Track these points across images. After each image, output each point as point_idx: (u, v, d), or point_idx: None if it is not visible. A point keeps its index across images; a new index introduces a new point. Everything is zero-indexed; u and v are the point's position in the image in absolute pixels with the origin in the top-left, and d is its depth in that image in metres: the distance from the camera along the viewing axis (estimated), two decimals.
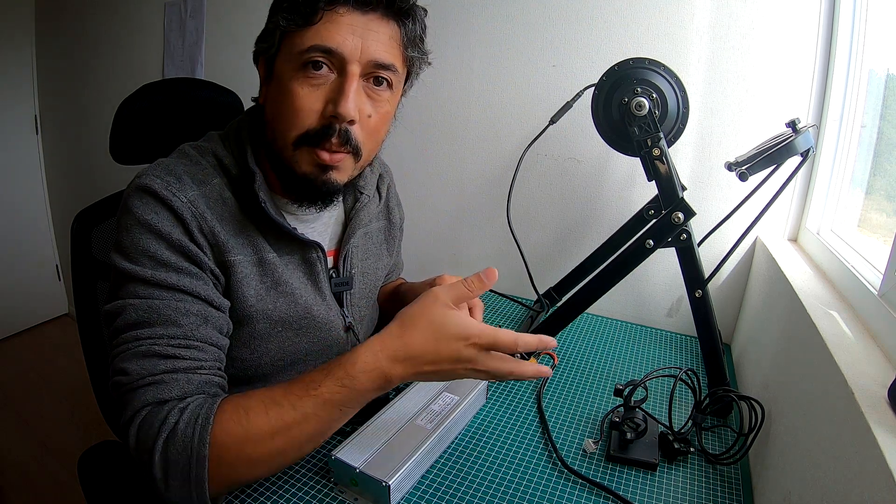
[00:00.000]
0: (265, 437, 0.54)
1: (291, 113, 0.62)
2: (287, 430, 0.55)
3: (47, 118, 2.44)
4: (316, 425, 0.56)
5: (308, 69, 0.61)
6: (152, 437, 0.53)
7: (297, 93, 0.61)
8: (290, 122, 0.62)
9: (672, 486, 0.64)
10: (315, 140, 0.62)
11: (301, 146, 0.63)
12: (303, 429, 0.55)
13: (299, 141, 0.63)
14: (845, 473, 0.43)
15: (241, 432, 0.54)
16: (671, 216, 0.73)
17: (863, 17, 0.84)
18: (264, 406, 0.55)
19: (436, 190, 1.32)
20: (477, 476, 0.65)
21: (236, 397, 0.57)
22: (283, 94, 0.62)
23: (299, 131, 0.62)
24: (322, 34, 0.60)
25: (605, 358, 0.95)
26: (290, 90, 0.61)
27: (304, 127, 0.62)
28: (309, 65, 0.61)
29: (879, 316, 0.58)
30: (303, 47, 0.60)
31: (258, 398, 0.56)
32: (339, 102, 0.61)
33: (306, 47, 0.60)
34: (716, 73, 0.97)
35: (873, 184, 0.86)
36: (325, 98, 0.62)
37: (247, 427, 0.54)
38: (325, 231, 0.78)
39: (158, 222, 0.60)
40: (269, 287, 0.69)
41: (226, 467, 0.54)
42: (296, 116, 0.62)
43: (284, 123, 0.63)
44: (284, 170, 0.66)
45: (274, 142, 0.66)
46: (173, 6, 1.73)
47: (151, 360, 0.56)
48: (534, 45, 1.12)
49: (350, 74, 0.61)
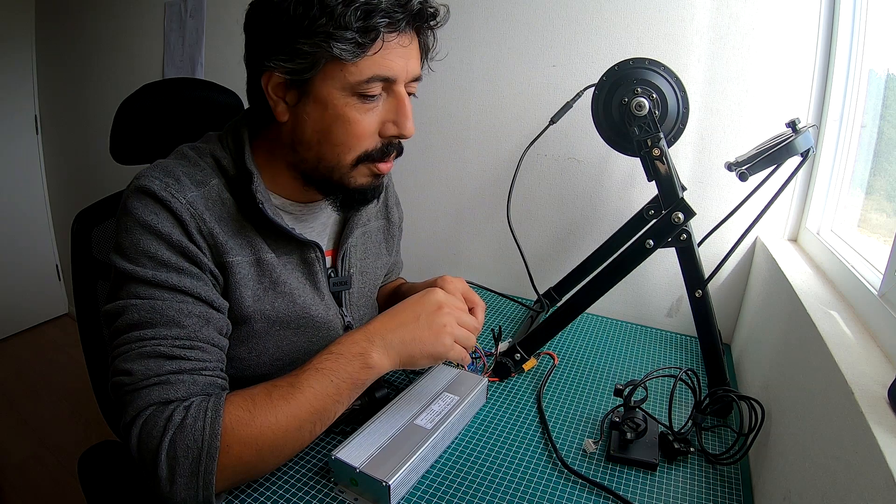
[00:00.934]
0: (269, 419, 0.56)
1: (352, 139, 0.63)
2: (288, 406, 0.57)
3: (47, 118, 2.44)
4: (312, 399, 0.58)
5: (365, 96, 0.62)
6: (157, 436, 0.53)
7: (356, 119, 0.62)
8: (348, 147, 0.64)
9: (672, 486, 0.64)
10: (374, 157, 0.66)
11: (359, 164, 0.66)
12: (301, 403, 0.57)
13: (358, 160, 0.65)
14: (845, 473, 0.43)
15: (248, 418, 0.55)
16: (671, 216, 0.73)
17: (863, 17, 0.84)
18: (267, 390, 0.58)
19: (436, 190, 1.32)
20: (477, 476, 0.65)
21: (242, 390, 0.58)
22: (338, 120, 0.62)
23: (359, 153, 0.65)
24: (380, 63, 0.60)
25: (605, 358, 0.95)
26: (348, 117, 0.62)
27: (364, 149, 0.65)
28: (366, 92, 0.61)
29: (879, 316, 0.58)
30: (361, 78, 0.60)
31: (262, 385, 0.59)
32: (404, 125, 0.64)
33: (365, 78, 0.60)
34: (716, 73, 0.97)
35: (873, 184, 0.86)
36: (381, 119, 0.64)
37: (253, 412, 0.56)
38: (324, 231, 0.78)
39: (158, 223, 0.60)
40: (267, 287, 0.69)
41: (234, 458, 0.54)
42: (357, 141, 0.64)
43: (341, 147, 0.64)
44: (331, 184, 0.68)
45: (319, 162, 0.66)
46: (173, 6, 1.73)
47: (156, 361, 0.56)
48: (534, 45, 1.12)
49: (402, 94, 0.64)
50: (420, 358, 0.64)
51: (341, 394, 0.60)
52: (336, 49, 0.57)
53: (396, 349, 0.63)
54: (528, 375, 0.88)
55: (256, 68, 0.63)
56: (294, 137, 0.66)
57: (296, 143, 0.66)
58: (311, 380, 0.59)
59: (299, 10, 0.56)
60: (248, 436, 0.55)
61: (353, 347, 0.61)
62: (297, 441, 0.58)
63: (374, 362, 0.61)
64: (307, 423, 0.58)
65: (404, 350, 0.63)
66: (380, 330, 0.63)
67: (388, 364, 0.63)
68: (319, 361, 0.60)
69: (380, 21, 0.57)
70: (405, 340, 0.63)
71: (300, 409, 0.57)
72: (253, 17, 0.62)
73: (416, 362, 0.64)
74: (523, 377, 0.87)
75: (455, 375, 0.78)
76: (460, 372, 0.79)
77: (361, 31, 0.57)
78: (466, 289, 0.74)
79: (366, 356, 0.61)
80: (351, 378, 0.60)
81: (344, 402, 0.61)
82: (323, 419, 0.60)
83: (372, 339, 0.62)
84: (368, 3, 0.56)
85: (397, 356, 0.63)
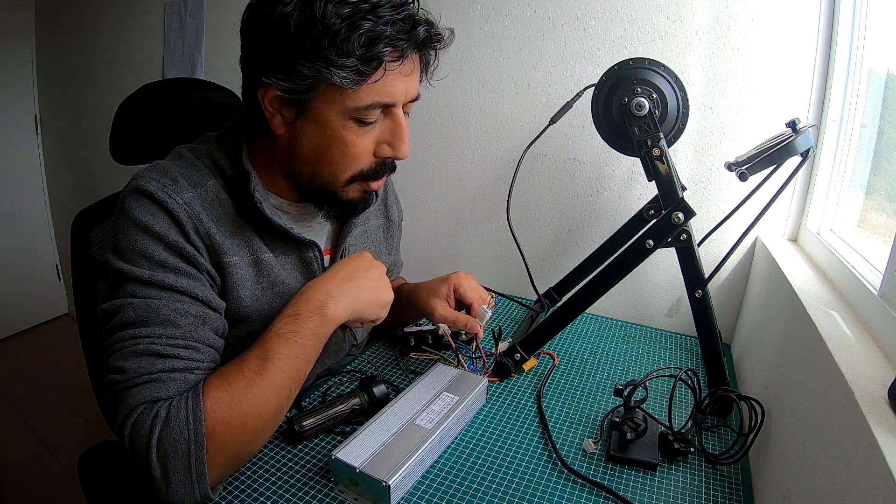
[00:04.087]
0: (247, 395, 0.56)
1: (348, 159, 0.64)
2: (261, 378, 0.57)
3: (47, 118, 2.44)
4: (283, 365, 0.59)
5: (363, 121, 0.62)
6: (146, 435, 0.53)
7: (352, 142, 0.62)
8: (343, 166, 0.65)
9: (672, 486, 0.64)
10: (368, 176, 0.66)
11: (352, 182, 0.67)
12: (273, 372, 0.58)
13: (352, 179, 0.66)
14: (845, 473, 0.43)
15: (227, 398, 0.56)
16: (671, 216, 0.73)
17: (863, 17, 0.84)
18: (238, 366, 0.59)
19: (436, 190, 1.32)
20: (477, 476, 0.65)
21: (215, 372, 0.59)
22: (335, 142, 0.62)
23: (353, 172, 0.65)
24: (381, 91, 0.60)
25: (605, 358, 0.95)
26: (345, 140, 0.62)
27: (359, 168, 0.65)
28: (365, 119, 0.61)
29: (879, 316, 0.58)
30: (361, 105, 0.59)
31: (233, 363, 0.60)
32: (399, 147, 0.65)
33: (365, 105, 0.60)
34: (716, 73, 0.97)
35: (873, 184, 0.86)
36: (377, 139, 0.64)
37: (230, 391, 0.56)
38: (322, 230, 0.78)
39: (155, 224, 0.60)
40: (265, 287, 0.69)
41: (221, 441, 0.54)
42: (353, 162, 0.64)
43: (336, 167, 0.65)
44: (324, 196, 0.69)
45: (314, 177, 0.66)
46: (173, 6, 1.73)
47: (149, 359, 0.56)
48: (534, 45, 1.12)
49: (400, 116, 0.64)
50: (368, 307, 0.67)
51: (308, 352, 0.61)
52: (336, 77, 0.55)
53: (348, 299, 0.65)
54: (528, 375, 0.88)
55: (253, 78, 0.62)
56: (290, 152, 0.66)
57: (292, 156, 0.66)
58: (278, 346, 0.59)
59: (301, 26, 0.54)
60: (230, 415, 0.55)
61: (310, 304, 0.62)
62: (277, 410, 0.60)
63: (331, 314, 0.63)
64: (283, 389, 0.59)
65: (354, 301, 0.65)
66: (331, 282, 0.65)
67: (343, 314, 0.64)
68: (280, 326, 0.61)
69: (383, 50, 0.56)
70: (351, 291, 0.65)
71: (274, 378, 0.58)
72: (251, 23, 0.60)
73: (365, 313, 0.67)
74: (523, 377, 0.87)
75: (455, 375, 0.78)
76: (460, 372, 0.79)
77: (364, 59, 0.55)
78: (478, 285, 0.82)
79: (323, 309, 0.62)
80: (313, 334, 0.62)
81: (311, 358, 0.62)
82: (297, 381, 0.61)
83: (328, 292, 0.64)
84: (373, 31, 0.55)
85: (349, 307, 0.65)
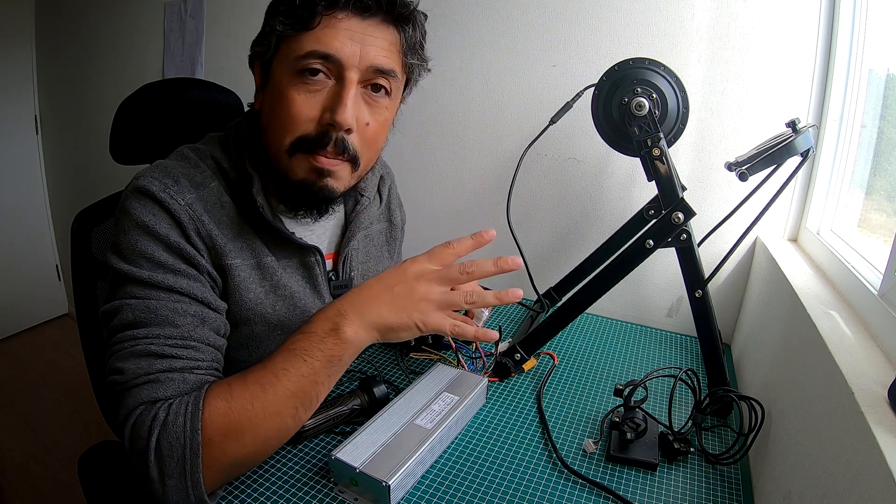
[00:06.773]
0: (247, 406, 0.54)
1: (287, 119, 0.61)
2: (264, 392, 0.55)
3: (47, 118, 2.44)
4: (287, 382, 0.56)
5: (305, 75, 0.60)
6: (145, 436, 0.52)
7: (293, 99, 0.61)
8: (285, 129, 0.62)
9: (672, 486, 0.64)
10: (310, 147, 0.62)
11: (296, 153, 0.63)
12: (277, 388, 0.55)
13: (294, 147, 0.62)
14: (845, 473, 0.43)
15: (226, 407, 0.54)
16: (671, 216, 0.73)
17: (863, 17, 0.84)
18: (243, 376, 0.56)
19: (436, 190, 1.32)
20: (477, 476, 0.65)
21: (221, 379, 0.57)
22: (279, 99, 0.62)
23: (293, 137, 0.62)
24: (320, 39, 0.59)
25: (605, 358, 0.95)
26: (287, 96, 0.61)
27: (299, 133, 0.62)
28: (306, 71, 0.60)
29: (879, 316, 0.58)
30: (300, 53, 0.60)
31: (240, 373, 0.57)
32: (337, 111, 0.60)
33: (303, 53, 0.59)
34: (716, 73, 0.97)
35: (873, 184, 0.86)
36: (323, 105, 0.61)
37: (230, 401, 0.54)
38: (324, 234, 0.78)
39: (156, 224, 0.60)
40: (268, 290, 0.69)
41: (217, 450, 0.53)
42: (291, 123, 0.61)
43: (279, 129, 0.62)
44: (279, 178, 0.66)
45: (269, 147, 0.65)
46: (173, 6, 1.73)
47: (148, 360, 0.56)
48: (534, 45, 1.12)
49: (348, 81, 0.61)
50: (399, 329, 0.59)
51: (317, 373, 0.57)
52: (280, 25, 0.60)
53: (372, 321, 0.58)
54: (528, 375, 0.88)
55: None
56: (261, 125, 0.67)
57: (262, 132, 0.67)
58: (285, 362, 0.56)
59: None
60: (227, 425, 0.53)
61: (325, 324, 0.58)
62: (279, 427, 0.57)
63: (348, 337, 0.57)
64: (287, 406, 0.56)
65: (381, 321, 0.58)
66: (353, 302, 0.59)
67: (366, 337, 0.59)
68: (292, 342, 0.58)
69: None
70: (381, 312, 0.58)
71: (277, 393, 0.55)
72: None
73: (397, 334, 0.60)
74: (523, 377, 0.87)
75: (455, 375, 0.78)
76: (460, 372, 0.79)
77: (301, 4, 0.59)
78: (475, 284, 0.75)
79: (338, 331, 0.57)
80: (325, 356, 0.57)
81: (322, 381, 0.58)
82: (304, 402, 0.57)
83: (344, 313, 0.58)
84: None
85: (374, 328, 0.59)
